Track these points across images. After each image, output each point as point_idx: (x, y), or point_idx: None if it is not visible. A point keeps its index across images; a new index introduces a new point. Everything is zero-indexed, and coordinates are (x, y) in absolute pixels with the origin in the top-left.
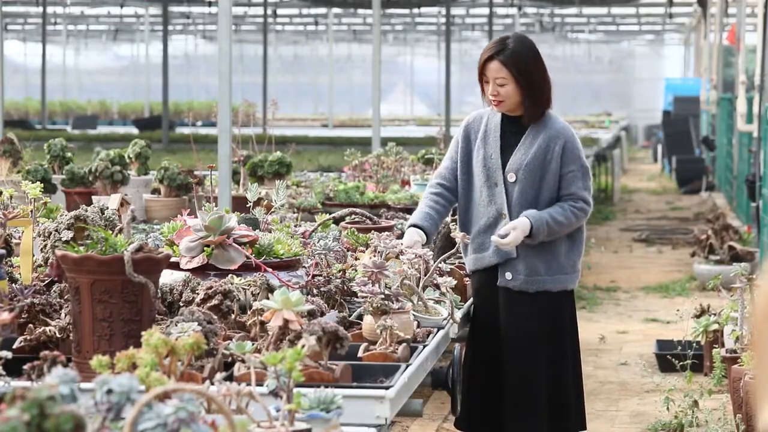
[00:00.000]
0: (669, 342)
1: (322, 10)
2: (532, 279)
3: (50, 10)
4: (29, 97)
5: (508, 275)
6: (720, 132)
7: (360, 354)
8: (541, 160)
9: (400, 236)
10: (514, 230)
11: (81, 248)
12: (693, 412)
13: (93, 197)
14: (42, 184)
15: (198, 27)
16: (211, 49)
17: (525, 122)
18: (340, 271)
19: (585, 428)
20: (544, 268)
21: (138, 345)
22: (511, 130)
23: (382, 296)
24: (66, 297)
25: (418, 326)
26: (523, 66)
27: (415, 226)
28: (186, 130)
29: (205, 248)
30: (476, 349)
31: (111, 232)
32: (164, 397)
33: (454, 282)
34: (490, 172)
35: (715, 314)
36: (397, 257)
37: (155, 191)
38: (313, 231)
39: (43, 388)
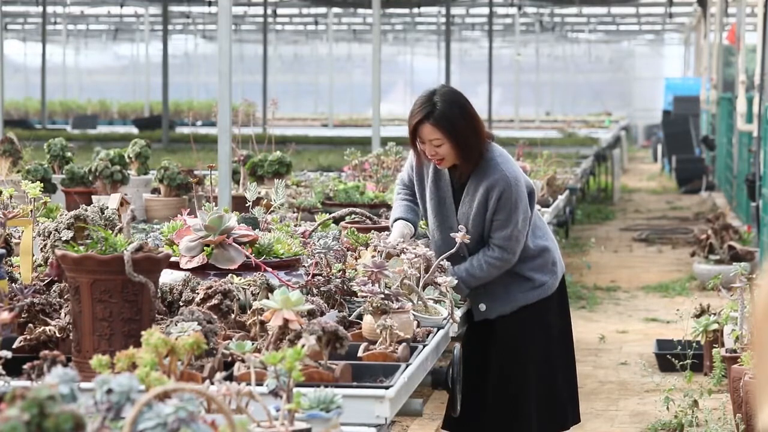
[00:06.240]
0: (669, 342)
1: (322, 10)
2: (509, 298)
3: (50, 9)
4: (29, 97)
5: (482, 307)
6: (720, 132)
7: (360, 354)
8: (483, 212)
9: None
10: None
11: (81, 248)
12: (693, 411)
13: (93, 197)
14: (42, 184)
15: (198, 27)
16: (211, 49)
17: (464, 172)
18: (340, 270)
19: (579, 421)
20: (516, 285)
21: (138, 344)
22: (458, 176)
23: (382, 296)
24: (66, 297)
25: (418, 326)
26: (454, 124)
27: (401, 219)
28: (186, 130)
29: (205, 248)
30: (465, 353)
31: (111, 231)
32: (164, 396)
33: (455, 281)
34: (444, 218)
35: (715, 314)
36: (398, 255)
37: (155, 191)
38: (313, 231)
39: (43, 388)
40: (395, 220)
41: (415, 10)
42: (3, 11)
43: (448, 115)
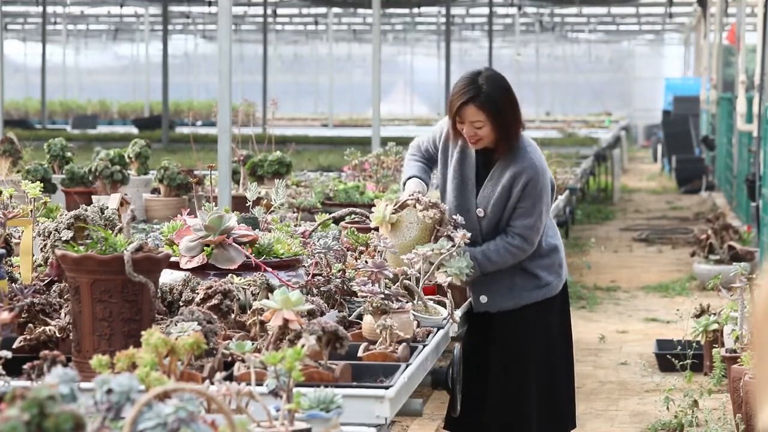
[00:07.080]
0: (669, 342)
1: (322, 10)
2: (513, 294)
3: (50, 9)
4: (29, 97)
5: (483, 299)
6: (720, 132)
7: (360, 354)
8: (506, 198)
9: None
10: None
11: (81, 248)
12: (693, 411)
13: (93, 197)
14: (42, 184)
15: (198, 27)
16: (211, 49)
17: (497, 157)
18: (340, 270)
19: (575, 426)
20: (521, 281)
21: (138, 344)
22: (484, 160)
23: (382, 296)
24: (66, 297)
25: (418, 326)
26: (498, 107)
27: (415, 176)
28: (186, 130)
29: (205, 248)
30: (465, 353)
31: (111, 231)
32: (164, 396)
33: (469, 234)
34: (464, 199)
35: (714, 314)
36: (413, 206)
37: (155, 191)
38: (313, 231)
39: (43, 388)
40: (408, 178)
41: (415, 10)
42: (3, 11)
43: (494, 97)
